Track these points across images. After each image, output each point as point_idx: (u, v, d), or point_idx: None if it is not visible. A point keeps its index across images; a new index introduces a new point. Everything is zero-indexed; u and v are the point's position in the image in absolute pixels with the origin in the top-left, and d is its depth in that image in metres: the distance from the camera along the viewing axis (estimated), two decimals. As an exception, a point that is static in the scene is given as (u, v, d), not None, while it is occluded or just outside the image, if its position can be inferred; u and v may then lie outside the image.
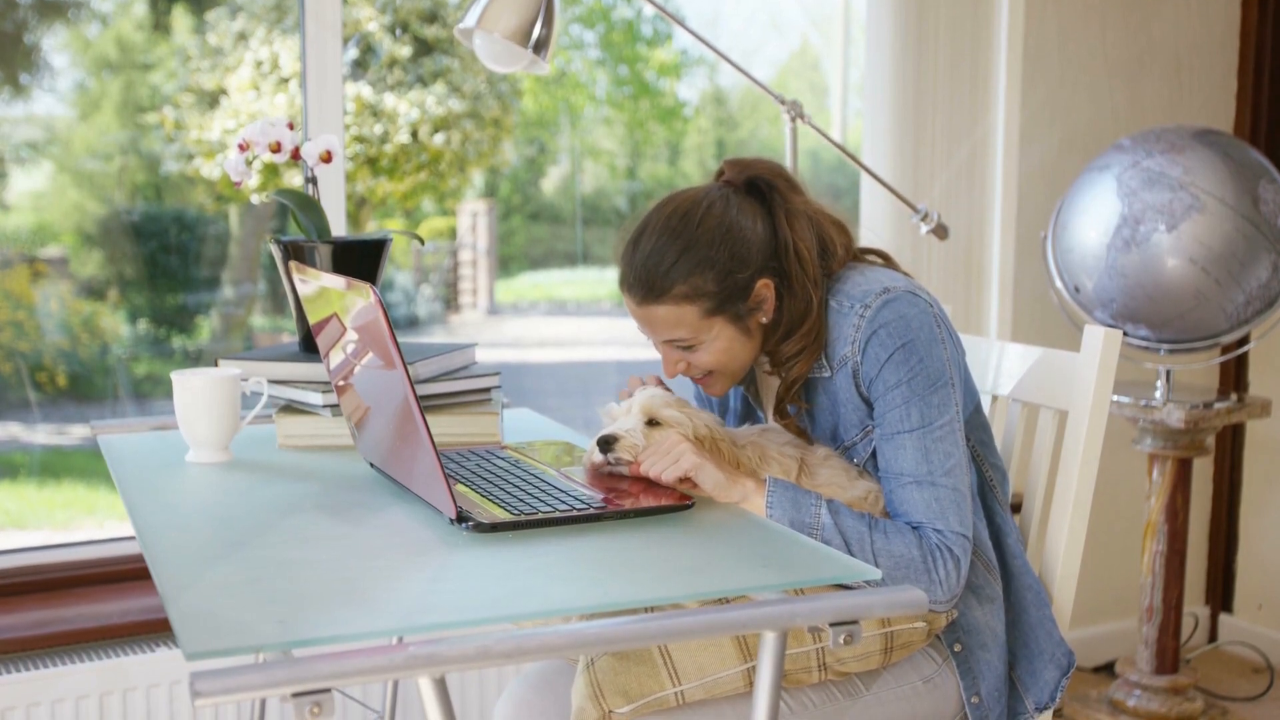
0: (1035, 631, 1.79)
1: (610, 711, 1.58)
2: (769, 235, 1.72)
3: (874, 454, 1.73)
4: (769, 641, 1.30)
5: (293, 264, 1.79)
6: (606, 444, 1.68)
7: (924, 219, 2.55)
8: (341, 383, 1.71)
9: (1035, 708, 1.78)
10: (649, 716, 1.60)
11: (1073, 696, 3.11)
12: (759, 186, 1.75)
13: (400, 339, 1.56)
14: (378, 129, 4.95)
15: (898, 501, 1.67)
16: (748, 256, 1.69)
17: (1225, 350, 3.29)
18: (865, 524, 1.62)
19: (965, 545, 1.65)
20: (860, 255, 1.82)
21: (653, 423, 1.70)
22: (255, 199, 2.10)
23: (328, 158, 2.03)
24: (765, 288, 1.71)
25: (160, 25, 3.91)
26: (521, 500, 1.55)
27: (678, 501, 1.56)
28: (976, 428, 1.82)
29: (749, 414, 1.92)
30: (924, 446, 1.66)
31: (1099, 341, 1.82)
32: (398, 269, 5.68)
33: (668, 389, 1.80)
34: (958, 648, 1.74)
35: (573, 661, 1.81)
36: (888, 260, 1.83)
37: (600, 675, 1.59)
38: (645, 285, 1.70)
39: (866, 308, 1.69)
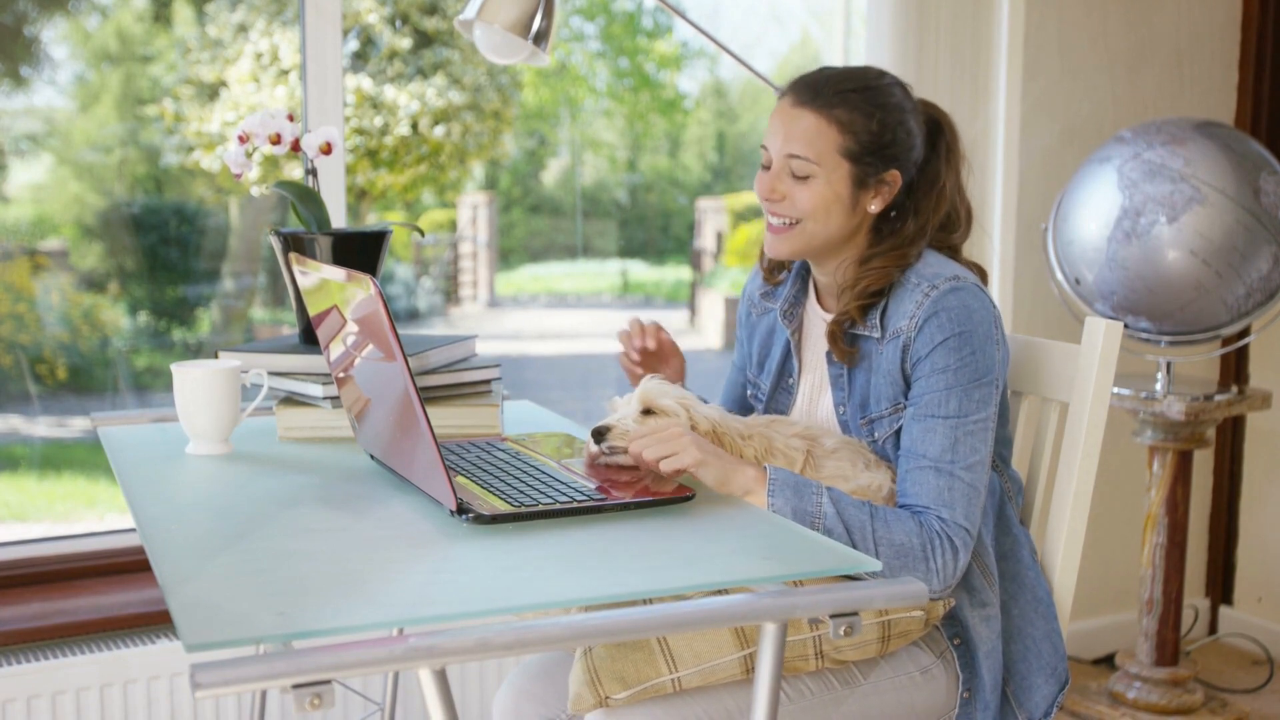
0: (1041, 645, 1.78)
1: (607, 698, 1.59)
2: (923, 156, 1.80)
3: (897, 433, 1.73)
4: (769, 632, 1.30)
5: (293, 256, 1.79)
6: (600, 434, 1.69)
7: (924, 211, 2.54)
8: (342, 375, 1.72)
9: None
10: (645, 703, 1.60)
11: (1073, 688, 3.12)
12: (932, 120, 1.83)
13: (400, 331, 1.56)
14: (378, 121, 4.95)
15: (910, 483, 1.67)
16: (907, 141, 1.76)
17: (1226, 342, 3.29)
18: (866, 512, 1.62)
19: (966, 539, 1.65)
20: (964, 258, 1.86)
21: (649, 412, 1.71)
22: (255, 191, 2.10)
23: (328, 150, 2.03)
24: (895, 179, 1.76)
25: (160, 17, 3.91)
26: (522, 492, 1.55)
27: (678, 493, 1.56)
28: (1001, 443, 1.82)
29: (785, 362, 1.91)
30: (954, 436, 1.66)
31: (1099, 334, 1.82)
32: (398, 261, 5.68)
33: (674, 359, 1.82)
34: (956, 641, 1.74)
35: (572, 651, 1.81)
36: (982, 276, 1.86)
37: (597, 661, 1.59)
38: (814, 90, 1.75)
39: (934, 288, 1.71)
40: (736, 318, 2.04)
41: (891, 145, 1.75)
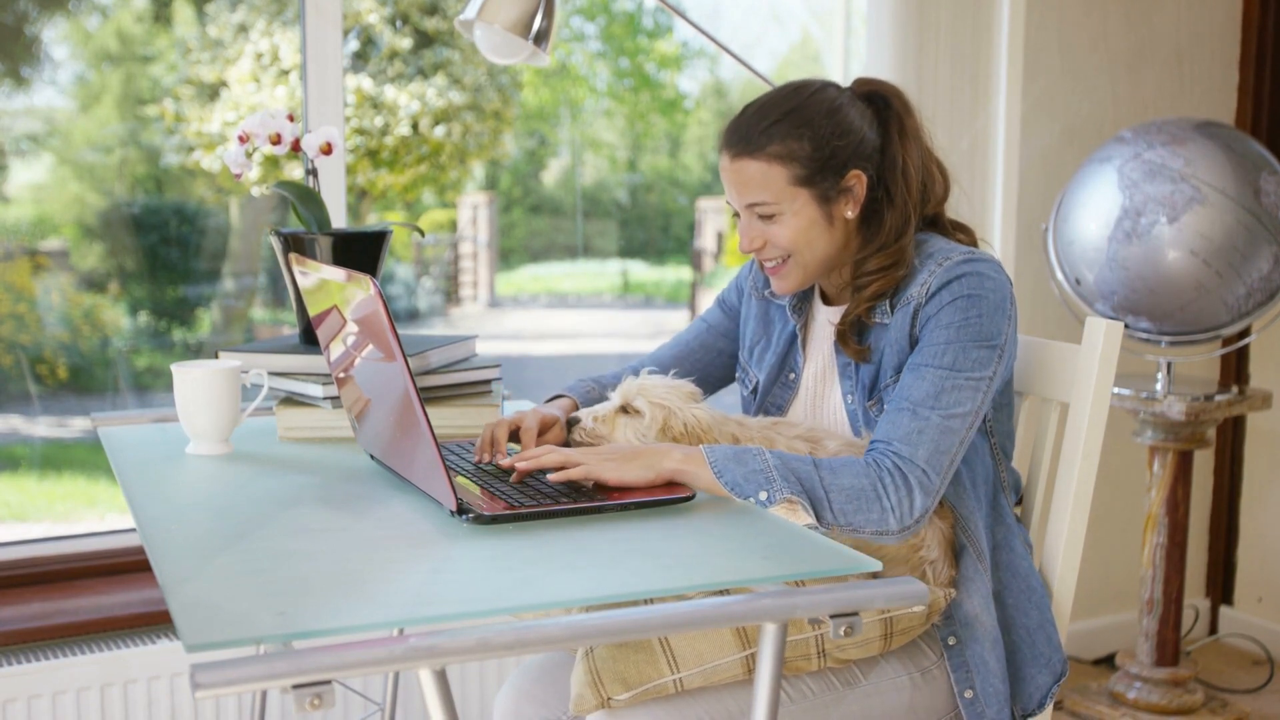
0: (1034, 636, 1.78)
1: (609, 699, 1.58)
2: (877, 141, 1.76)
3: None
4: (770, 633, 1.30)
5: (293, 256, 1.79)
6: (570, 424, 1.76)
7: (925, 211, 2.54)
8: (342, 375, 1.72)
9: (1023, 714, 1.77)
10: (647, 704, 1.60)
11: (1073, 689, 3.12)
12: (876, 98, 1.79)
13: (400, 331, 1.56)
14: (378, 121, 4.95)
15: (884, 422, 1.66)
16: (848, 140, 1.73)
17: (1226, 343, 3.29)
18: (810, 463, 1.61)
19: (925, 481, 1.60)
20: (951, 223, 1.84)
21: (625, 410, 1.73)
22: (255, 191, 2.10)
23: (328, 150, 2.03)
24: (857, 179, 1.74)
25: (160, 17, 3.91)
26: (522, 492, 1.55)
27: (678, 493, 1.56)
28: (1004, 435, 1.82)
29: (789, 354, 1.90)
30: (940, 386, 1.65)
31: (1100, 334, 1.82)
32: (398, 261, 5.67)
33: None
34: (952, 641, 1.74)
35: (573, 652, 1.81)
36: (974, 240, 1.85)
37: (599, 662, 1.59)
38: (743, 139, 1.74)
39: (948, 259, 1.71)
40: (735, 282, 2.02)
41: (834, 154, 1.73)
